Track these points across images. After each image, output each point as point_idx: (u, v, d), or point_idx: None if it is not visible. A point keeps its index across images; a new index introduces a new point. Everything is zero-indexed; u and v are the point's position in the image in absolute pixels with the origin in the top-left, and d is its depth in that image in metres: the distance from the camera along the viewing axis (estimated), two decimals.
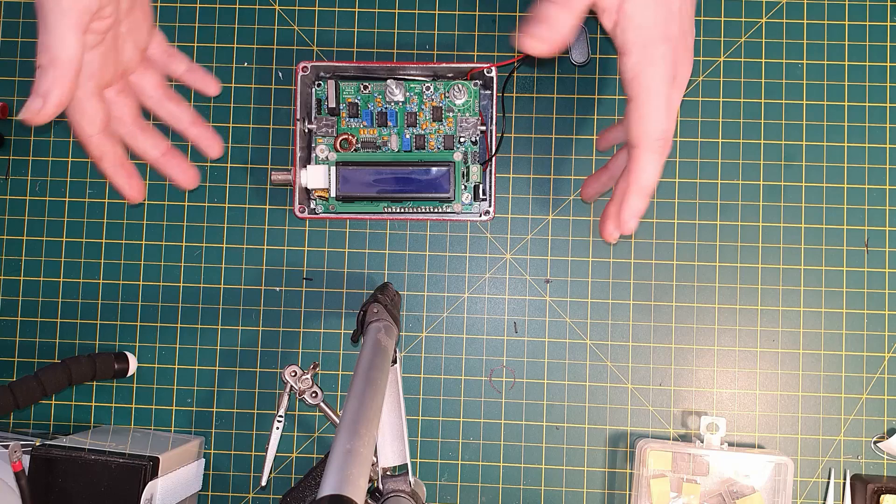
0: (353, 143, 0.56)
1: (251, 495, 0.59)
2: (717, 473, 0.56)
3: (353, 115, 0.56)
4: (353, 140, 0.56)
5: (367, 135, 0.57)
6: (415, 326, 0.59)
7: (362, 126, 0.57)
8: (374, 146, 0.56)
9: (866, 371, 0.58)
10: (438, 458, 0.59)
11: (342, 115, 0.57)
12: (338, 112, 0.56)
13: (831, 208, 0.59)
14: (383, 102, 0.57)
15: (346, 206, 0.56)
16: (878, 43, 0.59)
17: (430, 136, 0.57)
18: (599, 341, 0.59)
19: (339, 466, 0.32)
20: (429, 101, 0.56)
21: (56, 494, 0.50)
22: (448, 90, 0.56)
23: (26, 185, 0.61)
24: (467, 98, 0.56)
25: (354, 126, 0.57)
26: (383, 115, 0.56)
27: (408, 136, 0.57)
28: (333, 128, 0.56)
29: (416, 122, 0.56)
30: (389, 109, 0.57)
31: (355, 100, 0.56)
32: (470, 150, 0.56)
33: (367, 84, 0.56)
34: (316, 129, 0.56)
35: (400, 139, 0.56)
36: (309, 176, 0.55)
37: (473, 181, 0.56)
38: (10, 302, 0.60)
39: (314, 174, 0.55)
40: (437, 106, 0.56)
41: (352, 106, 0.56)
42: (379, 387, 0.40)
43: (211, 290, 0.60)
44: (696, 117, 0.60)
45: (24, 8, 0.61)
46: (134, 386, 0.60)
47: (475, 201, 0.56)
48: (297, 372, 0.53)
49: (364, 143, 0.57)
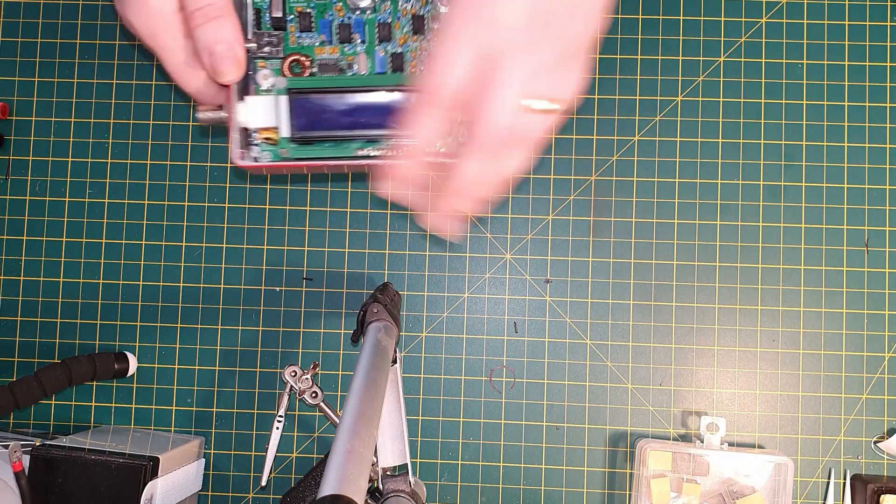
0: (306, 66, 0.42)
1: (251, 495, 0.59)
2: (718, 473, 0.56)
3: (306, 28, 0.42)
4: (306, 62, 0.42)
5: (326, 54, 0.42)
6: (415, 326, 0.59)
7: (318, 43, 0.42)
8: (335, 69, 0.42)
9: (866, 371, 0.58)
10: (438, 458, 0.59)
11: (290, 29, 0.42)
12: (284, 25, 0.42)
13: (831, 208, 0.59)
14: (345, 11, 0.42)
15: (302, 150, 0.41)
16: (878, 43, 0.59)
17: (411, 55, 0.42)
18: (599, 341, 0.59)
19: (339, 466, 0.32)
20: (406, 6, 0.42)
21: (56, 494, 0.50)
22: None
23: (26, 185, 0.61)
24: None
25: (308, 43, 0.42)
26: (346, 28, 0.42)
27: (381, 55, 0.42)
28: (279, 46, 0.42)
29: (390, 37, 0.42)
30: (355, 19, 0.42)
31: (307, 8, 0.42)
32: None
33: None
34: (256, 49, 0.41)
35: (370, 60, 0.42)
36: (249, 110, 0.41)
37: None
38: (10, 302, 0.60)
39: (255, 108, 0.41)
40: (418, 14, 0.41)
41: (303, 16, 0.42)
42: (379, 387, 0.40)
43: (211, 290, 0.60)
44: (696, 117, 0.60)
45: (23, 8, 0.62)
46: (134, 386, 0.60)
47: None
48: (296, 372, 0.53)
49: (322, 66, 0.42)
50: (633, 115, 0.60)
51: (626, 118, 0.59)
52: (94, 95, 0.61)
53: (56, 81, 0.61)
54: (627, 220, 0.59)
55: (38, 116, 0.61)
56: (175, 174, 0.60)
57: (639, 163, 0.59)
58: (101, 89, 0.61)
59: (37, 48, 0.61)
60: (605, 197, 0.59)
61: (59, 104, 0.61)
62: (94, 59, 0.61)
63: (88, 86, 0.61)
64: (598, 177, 0.59)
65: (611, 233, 0.59)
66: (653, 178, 0.59)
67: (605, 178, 0.60)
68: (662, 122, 0.60)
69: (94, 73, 0.61)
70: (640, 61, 0.60)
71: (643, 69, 0.60)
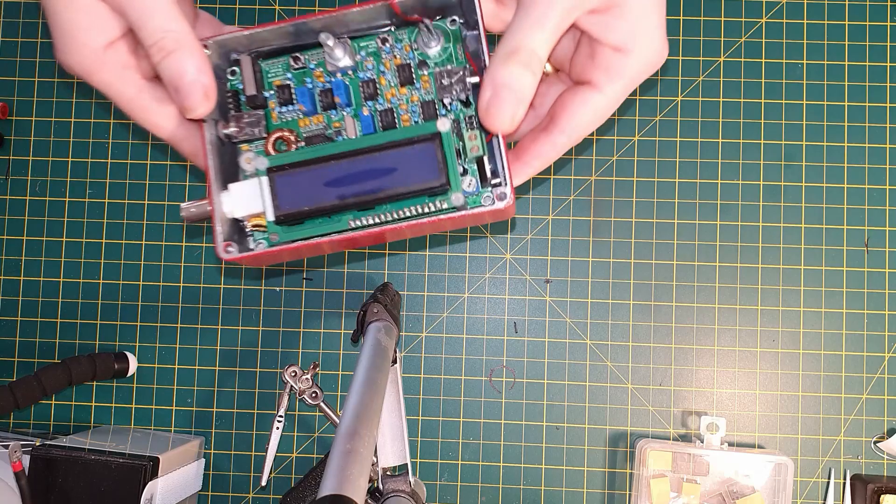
0: (292, 142, 0.38)
1: (251, 495, 0.59)
2: (718, 473, 0.56)
3: (286, 101, 0.38)
4: (292, 137, 0.38)
5: (312, 125, 0.39)
6: (415, 326, 0.59)
7: (301, 115, 0.39)
8: (323, 138, 0.38)
9: (866, 371, 0.58)
10: (438, 458, 0.59)
11: (271, 105, 0.38)
12: (264, 102, 0.38)
13: (831, 208, 0.59)
14: (325, 75, 0.38)
15: (292, 231, 0.37)
16: (877, 43, 0.59)
17: (402, 107, 0.38)
18: (599, 341, 0.59)
19: (339, 466, 0.32)
20: (389, 58, 0.38)
21: (56, 494, 0.50)
22: (415, 39, 0.38)
23: (26, 185, 0.61)
24: (445, 44, 0.38)
25: (291, 117, 0.39)
26: (328, 93, 0.38)
27: (367, 114, 0.38)
28: (262, 125, 0.38)
29: (377, 93, 0.38)
30: (336, 82, 0.38)
31: (285, 80, 0.38)
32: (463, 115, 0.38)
33: (297, 55, 0.38)
34: (237, 133, 0.38)
35: (358, 121, 0.38)
36: (233, 199, 0.37)
37: (474, 154, 0.37)
38: (10, 302, 0.60)
39: (240, 195, 0.37)
40: (403, 64, 0.38)
41: (281, 89, 0.38)
42: (379, 387, 0.40)
43: (211, 290, 0.60)
44: (696, 117, 0.60)
45: (23, 8, 0.61)
46: (134, 386, 0.60)
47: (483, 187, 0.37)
48: (296, 372, 0.53)
49: (309, 138, 0.38)
50: (634, 115, 0.60)
51: (626, 118, 0.59)
52: (94, 95, 0.61)
53: (56, 81, 0.61)
54: (627, 220, 0.59)
55: (38, 116, 0.61)
56: (175, 174, 0.60)
57: (639, 163, 0.59)
58: None
59: (37, 48, 0.61)
60: (605, 197, 0.59)
61: (59, 104, 0.61)
62: None
63: (88, 86, 0.61)
64: (598, 177, 0.60)
65: (611, 233, 0.59)
66: (653, 178, 0.59)
67: (605, 178, 0.60)
68: (662, 122, 0.60)
69: None
70: None
71: None
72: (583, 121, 0.36)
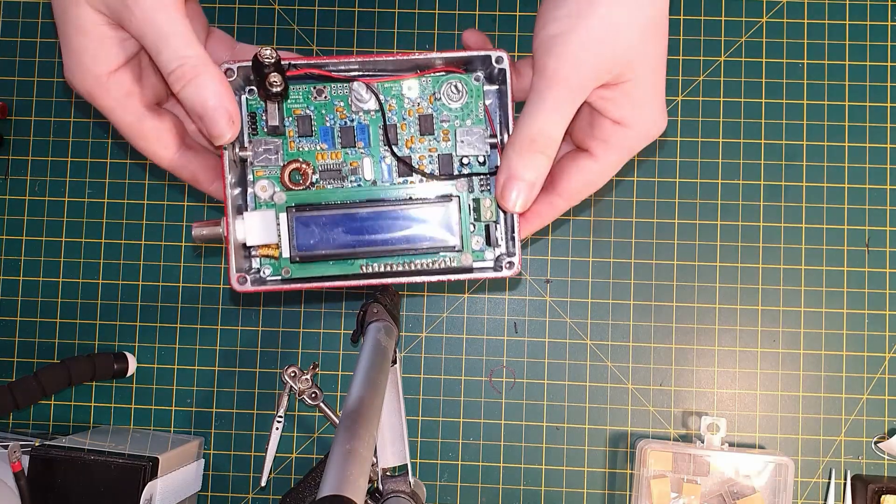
0: (307, 175, 0.39)
1: (251, 496, 0.59)
2: (718, 474, 0.56)
3: (306, 133, 0.39)
4: (307, 170, 0.39)
5: (328, 160, 0.39)
6: (415, 326, 0.59)
7: (319, 149, 0.39)
8: (339, 177, 0.39)
9: (867, 371, 0.58)
10: (438, 459, 0.59)
11: (289, 133, 0.39)
12: (283, 130, 0.39)
13: (832, 208, 0.59)
14: (348, 113, 0.39)
15: (305, 269, 0.39)
16: (878, 43, 0.59)
17: (420, 158, 0.40)
18: (600, 341, 0.59)
19: (338, 467, 0.32)
20: (413, 106, 0.40)
21: (55, 495, 0.50)
22: (439, 89, 0.39)
23: (26, 185, 0.61)
24: (467, 99, 0.39)
25: (308, 149, 0.39)
26: (349, 132, 0.39)
27: (387, 162, 0.40)
28: (278, 154, 0.39)
29: (397, 139, 0.39)
30: (358, 122, 0.39)
31: (307, 111, 0.39)
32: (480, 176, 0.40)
33: (321, 87, 0.39)
34: (253, 158, 0.39)
35: (375, 164, 0.40)
36: (246, 228, 0.38)
37: (486, 218, 0.39)
38: (10, 302, 0.60)
39: (254, 224, 0.38)
40: (425, 113, 0.39)
41: (302, 120, 0.39)
42: (379, 387, 0.40)
43: (210, 290, 0.60)
44: (696, 117, 0.59)
45: (23, 8, 0.61)
46: (133, 386, 0.60)
47: (489, 246, 0.40)
48: (296, 372, 0.53)
49: (324, 173, 0.39)
50: None
51: None
52: None
53: (56, 81, 0.61)
54: (628, 220, 0.59)
55: (37, 116, 0.61)
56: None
57: (639, 162, 0.59)
58: None
59: (36, 48, 0.61)
60: (606, 197, 0.59)
61: (58, 104, 0.61)
62: None
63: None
64: None
65: (611, 233, 0.59)
66: (653, 178, 0.59)
67: None
68: None
69: None
70: None
71: None
72: (579, 186, 0.38)
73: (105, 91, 0.35)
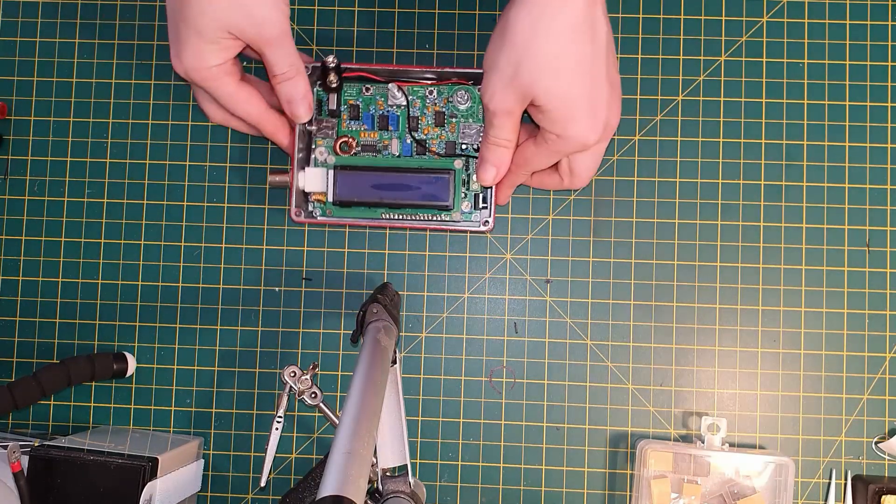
0: (353, 146, 0.56)
1: (250, 496, 0.59)
2: (718, 474, 0.56)
3: (354, 117, 0.56)
4: (353, 143, 0.56)
5: (368, 138, 0.56)
6: (415, 326, 0.59)
7: (363, 129, 0.56)
8: (374, 150, 0.56)
9: (868, 371, 0.58)
10: (438, 459, 0.59)
11: (343, 117, 0.56)
12: (339, 114, 0.56)
13: (832, 208, 0.59)
14: (385, 105, 0.56)
15: (342, 212, 0.56)
16: (879, 42, 0.59)
17: (432, 142, 0.56)
18: (600, 342, 0.59)
19: (338, 467, 0.32)
20: (431, 105, 0.56)
21: (55, 495, 0.50)
22: (452, 95, 0.55)
23: (25, 185, 0.61)
24: (471, 104, 0.55)
25: (355, 129, 0.56)
26: (384, 119, 0.56)
27: (409, 141, 0.56)
28: (334, 130, 0.56)
29: (417, 127, 0.56)
30: (391, 113, 0.56)
31: (357, 102, 0.56)
32: (473, 159, 0.56)
33: (369, 86, 0.56)
34: (316, 131, 0.56)
35: (401, 143, 0.56)
36: (307, 178, 0.54)
37: (474, 190, 0.56)
38: (9, 302, 0.60)
39: (312, 177, 0.54)
40: (439, 111, 0.56)
41: (353, 108, 0.56)
42: (379, 387, 0.40)
43: (210, 290, 0.60)
44: (696, 117, 0.59)
45: (23, 8, 0.61)
46: (133, 386, 0.59)
47: (475, 209, 0.56)
48: (296, 372, 0.52)
49: (364, 147, 0.56)
50: (634, 115, 0.60)
51: (626, 117, 0.59)
52: (92, 95, 0.61)
53: (55, 81, 0.61)
54: (628, 220, 0.59)
55: (36, 116, 0.61)
56: (174, 174, 0.60)
57: (639, 162, 0.59)
58: (99, 89, 0.61)
59: (36, 48, 0.61)
60: (606, 197, 0.59)
61: (57, 104, 0.61)
62: (93, 59, 0.61)
63: (87, 85, 0.61)
64: (599, 176, 0.59)
65: (611, 232, 0.59)
66: (653, 178, 0.59)
67: (606, 178, 0.59)
68: (663, 122, 0.60)
69: (93, 73, 0.61)
70: (641, 60, 0.60)
71: (644, 68, 0.60)
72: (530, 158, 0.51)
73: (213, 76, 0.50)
